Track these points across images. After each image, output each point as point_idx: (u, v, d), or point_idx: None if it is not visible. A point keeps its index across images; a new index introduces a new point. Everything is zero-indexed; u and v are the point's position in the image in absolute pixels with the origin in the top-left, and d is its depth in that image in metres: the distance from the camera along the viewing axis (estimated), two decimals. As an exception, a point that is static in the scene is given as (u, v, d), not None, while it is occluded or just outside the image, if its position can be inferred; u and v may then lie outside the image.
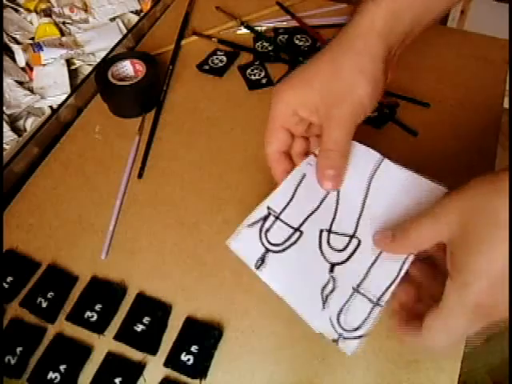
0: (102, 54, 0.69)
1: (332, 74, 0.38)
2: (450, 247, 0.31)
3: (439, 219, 0.32)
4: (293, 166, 0.41)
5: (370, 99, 0.38)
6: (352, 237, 0.38)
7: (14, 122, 0.66)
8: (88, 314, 0.45)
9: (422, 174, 0.38)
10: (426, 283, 0.36)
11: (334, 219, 0.39)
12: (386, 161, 0.40)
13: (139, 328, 0.44)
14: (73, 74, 0.72)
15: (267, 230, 0.39)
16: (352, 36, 0.38)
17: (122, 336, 0.44)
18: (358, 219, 0.38)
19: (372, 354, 0.43)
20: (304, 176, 0.40)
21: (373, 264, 0.36)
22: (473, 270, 0.29)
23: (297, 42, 0.69)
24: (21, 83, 0.69)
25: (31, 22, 0.76)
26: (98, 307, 0.45)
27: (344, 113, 0.37)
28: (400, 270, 0.35)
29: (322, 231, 0.38)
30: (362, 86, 0.37)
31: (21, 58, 0.70)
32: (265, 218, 0.39)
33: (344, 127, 0.38)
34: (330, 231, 0.38)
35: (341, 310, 0.36)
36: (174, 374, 0.42)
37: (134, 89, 0.60)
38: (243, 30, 0.72)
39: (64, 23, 0.77)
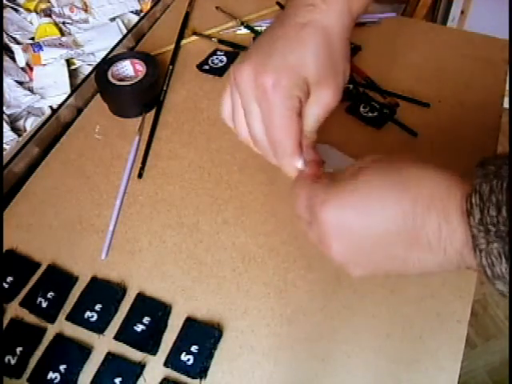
0: (102, 54, 0.69)
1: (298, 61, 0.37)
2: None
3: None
4: None
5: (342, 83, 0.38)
6: None
7: (13, 122, 0.66)
8: (88, 314, 0.45)
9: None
10: None
11: None
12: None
13: (139, 328, 0.44)
14: (73, 73, 0.72)
15: None
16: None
17: (122, 336, 0.44)
18: None
19: (372, 354, 0.43)
20: None
21: None
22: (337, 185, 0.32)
23: (297, 42, 0.69)
24: (21, 83, 0.69)
25: (31, 22, 0.76)
26: (98, 307, 0.45)
27: (324, 96, 0.38)
28: None
29: None
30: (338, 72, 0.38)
31: (21, 58, 0.70)
32: None
33: (317, 109, 0.38)
34: None
35: None
36: (174, 374, 0.42)
37: (134, 89, 0.60)
38: (243, 30, 0.72)
39: (64, 23, 0.77)
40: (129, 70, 0.64)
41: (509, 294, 0.28)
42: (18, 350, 0.43)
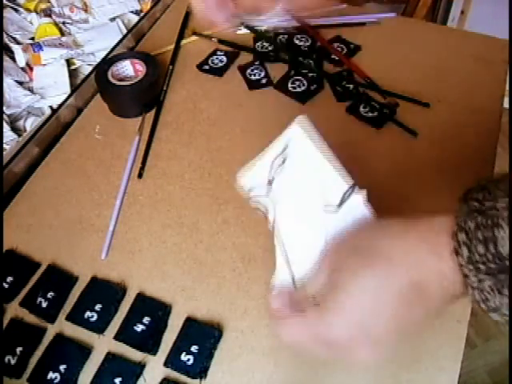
0: (102, 54, 0.69)
1: None
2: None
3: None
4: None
5: None
6: None
7: (13, 122, 0.66)
8: (88, 314, 0.45)
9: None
10: None
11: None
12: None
13: (139, 328, 0.44)
14: (73, 73, 0.72)
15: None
16: None
17: (121, 336, 0.44)
18: None
19: (372, 354, 0.43)
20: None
21: None
22: (331, 306, 0.32)
23: (297, 41, 0.69)
24: (21, 83, 0.69)
25: (31, 22, 0.76)
26: (98, 307, 0.45)
27: None
28: None
29: None
30: None
31: (21, 58, 0.70)
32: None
33: None
34: None
35: None
36: (174, 374, 0.42)
37: (134, 89, 0.60)
38: (243, 30, 0.72)
39: (64, 23, 0.77)
40: (129, 70, 0.64)
41: (509, 296, 0.28)
42: (18, 350, 0.43)
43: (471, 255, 0.27)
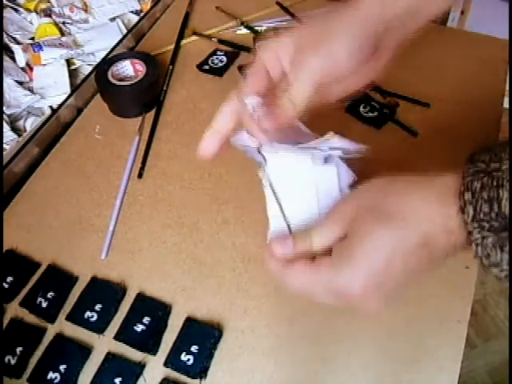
0: (102, 54, 0.69)
1: (321, 28, 0.38)
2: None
3: (336, 222, 0.35)
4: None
5: (347, 61, 0.37)
6: None
7: (14, 122, 0.66)
8: (88, 314, 0.45)
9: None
10: None
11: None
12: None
13: (139, 328, 0.44)
14: (73, 73, 0.72)
15: None
16: (346, 12, 0.38)
17: (121, 336, 0.44)
18: None
19: (372, 354, 0.43)
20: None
21: None
22: (347, 261, 0.33)
23: (297, 41, 0.69)
24: (21, 83, 0.69)
25: (31, 22, 0.76)
26: (98, 307, 0.45)
27: (316, 63, 0.37)
28: None
29: None
30: (344, 47, 0.37)
31: (21, 58, 0.70)
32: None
33: (310, 77, 0.37)
34: None
35: None
36: (174, 374, 0.42)
37: (134, 89, 0.60)
38: (243, 30, 0.72)
39: (64, 23, 0.77)
40: (129, 70, 0.64)
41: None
42: (18, 350, 0.43)
43: (476, 214, 0.29)
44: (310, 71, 0.37)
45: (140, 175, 0.56)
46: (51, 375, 0.42)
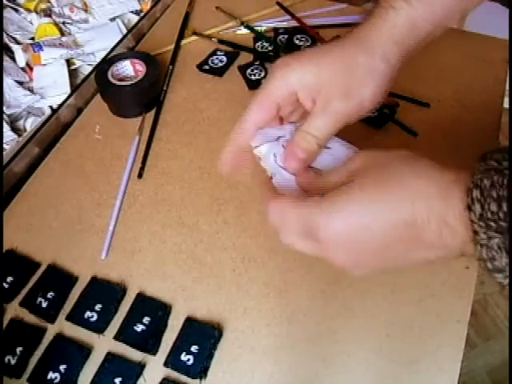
0: (102, 54, 0.69)
1: (345, 67, 0.38)
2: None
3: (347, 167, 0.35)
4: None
5: (372, 102, 0.38)
6: None
7: (14, 122, 0.66)
8: (88, 314, 0.45)
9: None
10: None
11: None
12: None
13: (139, 328, 0.44)
14: (73, 74, 0.72)
15: None
16: (370, 38, 0.38)
17: (122, 336, 0.44)
18: None
19: (372, 354, 0.43)
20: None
21: None
22: (333, 204, 0.32)
23: (297, 42, 0.69)
24: (21, 83, 0.69)
25: (31, 22, 0.76)
26: (98, 307, 0.45)
27: (344, 108, 0.38)
28: None
29: None
30: (370, 88, 0.37)
31: (21, 58, 0.70)
32: None
33: (336, 121, 0.38)
34: None
35: None
36: (174, 374, 0.42)
37: (134, 89, 0.60)
38: (243, 30, 0.72)
39: (64, 23, 0.77)
40: (129, 70, 0.64)
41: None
42: (18, 350, 0.43)
43: (483, 212, 0.28)
44: (336, 114, 0.38)
45: (140, 175, 0.56)
46: (51, 375, 0.42)
